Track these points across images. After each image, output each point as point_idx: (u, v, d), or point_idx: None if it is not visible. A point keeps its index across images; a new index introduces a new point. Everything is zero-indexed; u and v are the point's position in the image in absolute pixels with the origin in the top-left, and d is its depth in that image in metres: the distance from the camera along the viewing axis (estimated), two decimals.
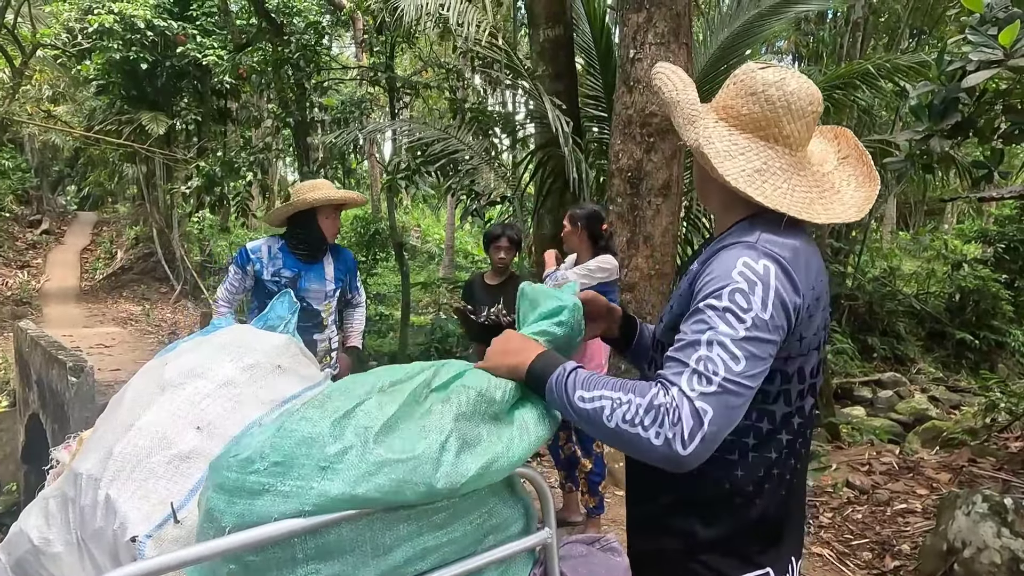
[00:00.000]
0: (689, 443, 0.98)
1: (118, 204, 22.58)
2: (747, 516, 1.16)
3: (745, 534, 1.16)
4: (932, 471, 4.69)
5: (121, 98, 14.27)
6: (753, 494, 1.16)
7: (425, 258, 19.03)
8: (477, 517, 1.08)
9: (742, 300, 1.03)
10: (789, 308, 1.05)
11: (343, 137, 7.92)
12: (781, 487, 1.18)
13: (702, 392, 1.00)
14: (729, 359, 1.01)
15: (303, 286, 3.12)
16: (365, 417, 0.99)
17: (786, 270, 1.06)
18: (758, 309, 1.03)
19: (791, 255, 1.09)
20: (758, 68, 1.19)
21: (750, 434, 1.15)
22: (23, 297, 14.37)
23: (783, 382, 1.13)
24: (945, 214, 20.85)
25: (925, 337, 12.95)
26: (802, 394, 1.16)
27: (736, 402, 1.01)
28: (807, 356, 1.14)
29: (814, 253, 1.15)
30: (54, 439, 5.68)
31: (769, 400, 1.13)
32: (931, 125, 3.10)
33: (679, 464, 0.99)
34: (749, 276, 1.05)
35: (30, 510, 1.36)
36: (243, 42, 11.58)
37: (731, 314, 1.03)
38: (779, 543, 1.19)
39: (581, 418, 1.06)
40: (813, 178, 1.19)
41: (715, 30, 6.49)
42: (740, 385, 1.01)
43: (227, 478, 0.96)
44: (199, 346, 1.50)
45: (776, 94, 1.15)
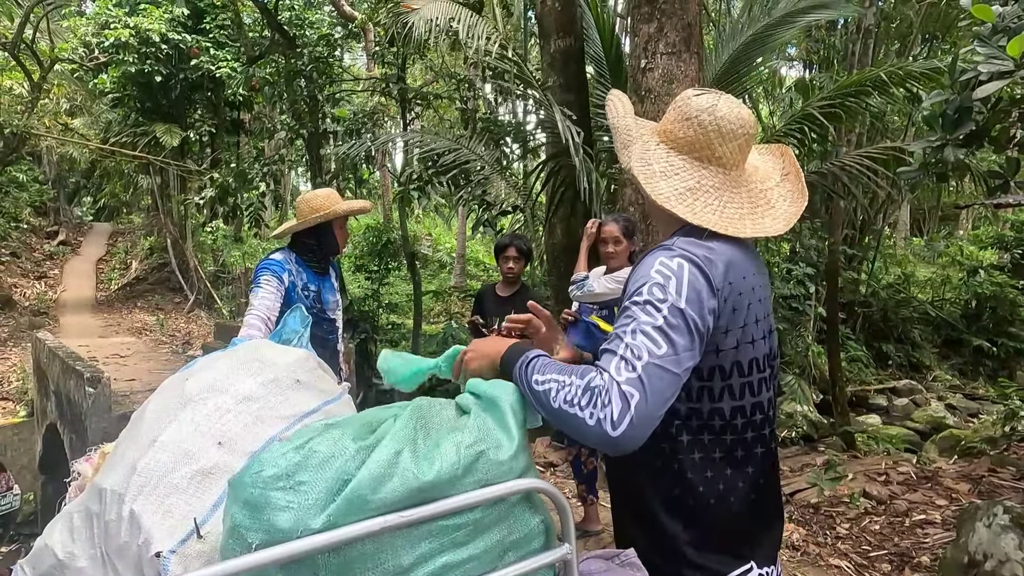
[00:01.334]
0: (619, 424, 1.05)
1: (133, 215, 22.87)
2: (715, 515, 1.23)
3: (716, 534, 1.23)
4: (951, 481, 4.63)
5: (136, 110, 14.47)
6: (719, 492, 1.22)
7: (436, 267, 19.08)
8: (498, 533, 1.08)
9: (659, 292, 1.14)
10: (704, 299, 1.14)
11: (355, 148, 7.97)
12: (748, 486, 1.24)
13: (628, 377, 1.08)
14: (651, 344, 1.10)
15: (324, 298, 3.05)
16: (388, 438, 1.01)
17: (699, 266, 1.16)
18: (673, 299, 1.13)
19: (704, 253, 1.18)
20: (694, 95, 1.29)
21: (704, 432, 1.22)
22: (40, 307, 14.56)
23: (722, 377, 1.21)
24: (960, 220, 20.66)
25: (941, 344, 12.82)
26: (751, 389, 1.23)
27: (660, 384, 1.08)
28: (739, 350, 1.21)
29: (742, 255, 1.23)
30: (71, 449, 5.74)
31: (715, 397, 1.21)
32: (945, 134, 3.08)
33: (613, 445, 1.05)
34: (664, 272, 1.15)
35: (54, 525, 1.38)
36: (256, 54, 11.72)
37: (650, 305, 1.13)
38: (751, 543, 1.25)
39: (535, 400, 1.14)
40: (748, 194, 1.29)
41: (726, 39, 6.50)
42: (663, 369, 1.09)
43: (252, 495, 0.97)
44: (218, 361, 1.51)
45: (708, 119, 1.26)
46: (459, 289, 16.45)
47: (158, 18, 12.72)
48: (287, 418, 1.35)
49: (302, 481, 0.96)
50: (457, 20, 5.46)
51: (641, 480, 1.29)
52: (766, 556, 1.28)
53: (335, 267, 3.28)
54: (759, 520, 1.27)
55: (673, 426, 1.23)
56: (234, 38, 13.18)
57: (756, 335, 1.23)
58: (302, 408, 1.38)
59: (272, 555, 0.90)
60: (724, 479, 1.23)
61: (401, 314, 13.17)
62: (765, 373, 1.25)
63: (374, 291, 10.46)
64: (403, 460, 1.00)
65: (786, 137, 6.19)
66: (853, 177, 5.91)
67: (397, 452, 1.00)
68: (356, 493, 0.95)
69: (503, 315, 3.93)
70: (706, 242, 1.20)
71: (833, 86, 6.46)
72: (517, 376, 1.19)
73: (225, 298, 14.23)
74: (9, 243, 17.12)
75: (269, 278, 2.81)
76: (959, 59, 3.06)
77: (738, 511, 1.23)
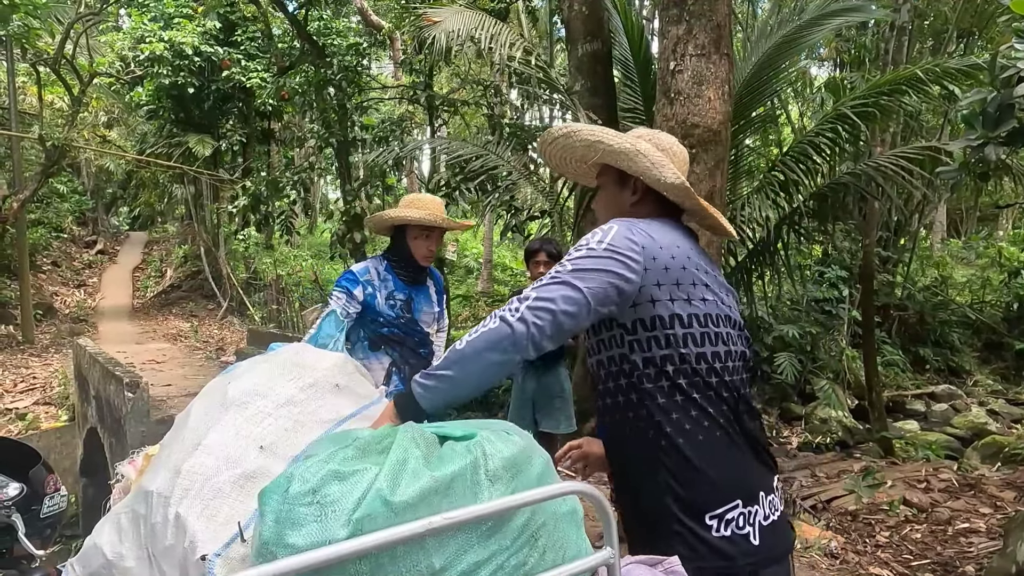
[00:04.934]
0: (515, 313, 1.24)
1: (167, 224, 23.40)
2: (690, 455, 1.32)
3: (686, 482, 1.31)
4: (995, 489, 4.50)
5: (170, 122, 14.82)
6: (686, 432, 1.33)
7: (463, 272, 19.15)
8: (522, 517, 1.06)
9: (582, 241, 1.37)
10: (624, 247, 1.32)
11: (383, 156, 8.05)
12: (718, 428, 1.34)
13: (533, 287, 1.30)
14: (559, 267, 1.32)
15: (416, 308, 2.90)
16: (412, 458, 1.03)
17: (627, 226, 1.37)
18: (593, 243, 1.34)
19: (641, 222, 1.41)
20: (656, 134, 1.58)
21: (662, 378, 1.36)
22: (80, 315, 14.97)
23: (663, 326, 1.35)
24: (999, 220, 20.11)
25: (981, 348, 12.47)
26: (694, 340, 1.35)
27: (559, 290, 1.27)
28: (676, 303, 1.35)
29: (680, 233, 1.47)
30: (111, 453, 5.87)
31: (662, 344, 1.35)
32: (985, 132, 3.01)
33: (513, 334, 1.23)
34: (596, 231, 1.38)
35: (103, 525, 1.41)
36: (286, 65, 11.93)
37: (576, 249, 1.36)
38: (722, 488, 1.32)
39: (447, 369, 1.28)
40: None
41: (755, 41, 6.43)
42: (564, 282, 1.28)
43: (280, 510, 0.98)
44: (259, 365, 1.54)
45: (678, 150, 1.57)
46: (486, 295, 16.49)
47: (191, 32, 13.02)
48: (326, 422, 1.37)
49: (328, 495, 0.97)
50: (481, 28, 5.47)
51: (622, 433, 1.43)
52: (749, 494, 1.34)
53: (438, 280, 3.11)
54: (739, 460, 1.35)
55: (634, 376, 1.38)
56: (264, 49, 13.44)
57: (695, 295, 1.37)
58: (341, 412, 1.40)
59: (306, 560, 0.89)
60: (691, 420, 1.34)
61: None
62: (708, 329, 1.37)
63: None
64: (412, 465, 1.01)
65: (818, 137, 6.11)
66: (888, 177, 5.79)
67: (405, 459, 1.01)
68: (378, 497, 0.95)
69: None
70: (641, 222, 1.41)
71: (865, 85, 6.35)
72: (418, 383, 1.31)
73: (257, 304, 14.46)
74: (50, 252, 17.64)
75: (338, 295, 2.72)
76: (999, 55, 2.99)
77: (712, 451, 1.33)
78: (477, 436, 1.08)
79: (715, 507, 1.30)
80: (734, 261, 6.76)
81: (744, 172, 7.17)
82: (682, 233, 1.48)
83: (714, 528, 1.29)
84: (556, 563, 1.07)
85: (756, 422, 1.47)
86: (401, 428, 1.13)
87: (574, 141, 1.54)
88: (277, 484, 1.01)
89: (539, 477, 1.10)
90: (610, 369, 1.43)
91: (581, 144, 1.54)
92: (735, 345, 1.43)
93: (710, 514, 1.29)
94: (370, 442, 1.08)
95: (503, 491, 1.04)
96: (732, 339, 1.43)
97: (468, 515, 0.98)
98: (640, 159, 1.45)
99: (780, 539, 1.38)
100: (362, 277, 2.77)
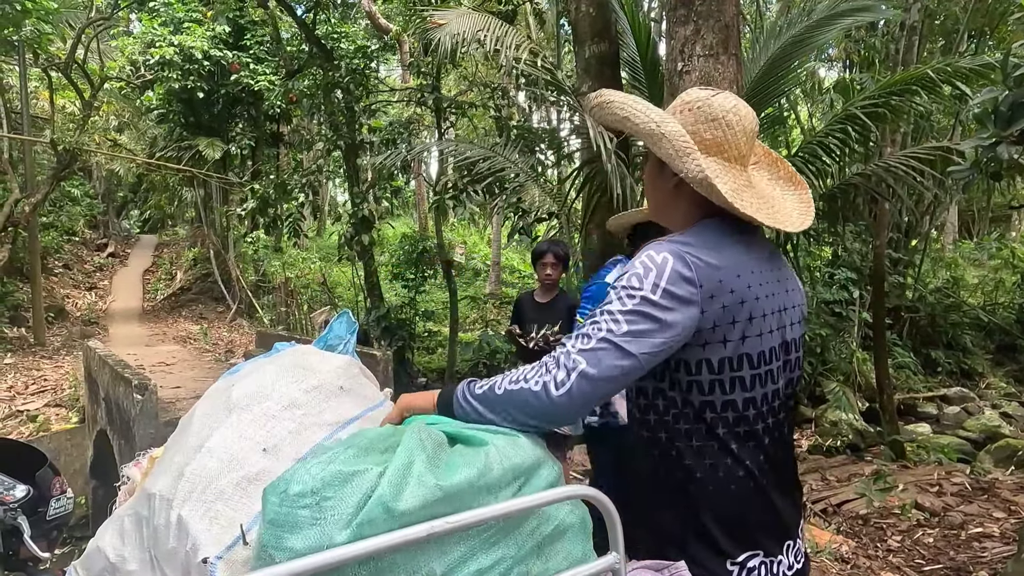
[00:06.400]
0: (560, 386, 1.10)
1: (177, 227, 23.54)
2: (710, 507, 1.23)
3: (713, 525, 1.23)
4: (1009, 493, 4.45)
5: (180, 125, 14.92)
6: (707, 484, 1.23)
7: (471, 274, 19.15)
8: (529, 526, 1.06)
9: (635, 281, 1.17)
10: (682, 293, 1.15)
11: (391, 158, 8.07)
12: (749, 475, 1.24)
13: (581, 347, 1.13)
14: (611, 323, 1.14)
15: None
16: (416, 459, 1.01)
17: (681, 256, 1.17)
18: (648, 289, 1.15)
19: (694, 244, 1.20)
20: (710, 95, 1.30)
21: (680, 421, 1.24)
22: (91, 317, 15.06)
23: (700, 371, 1.21)
24: (1012, 221, 19.92)
25: (994, 350, 12.34)
26: (740, 384, 1.22)
27: (611, 358, 1.12)
28: (716, 347, 1.20)
29: (732, 238, 1.25)
30: (121, 455, 5.90)
31: (702, 390, 1.22)
32: (998, 131, 2.98)
33: (553, 408, 1.10)
34: (647, 263, 1.18)
35: (106, 528, 1.41)
36: (294, 68, 11.99)
37: (624, 291, 1.17)
38: (747, 535, 1.24)
39: (481, 404, 1.17)
40: (757, 190, 1.33)
41: (764, 41, 6.40)
42: (616, 346, 1.12)
43: (278, 513, 0.97)
44: (263, 367, 1.53)
45: (734, 119, 1.28)
46: (494, 296, 16.48)
47: (201, 36, 13.10)
48: (330, 425, 1.36)
49: (328, 497, 0.95)
50: (487, 31, 5.46)
51: (645, 466, 1.31)
52: (773, 544, 1.27)
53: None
54: (767, 508, 1.27)
55: (669, 414, 1.26)
56: (273, 53, 13.51)
57: (751, 332, 1.22)
58: (345, 415, 1.39)
59: (306, 564, 0.88)
60: (723, 468, 1.24)
61: (437, 322, 13.25)
62: (759, 370, 1.25)
63: (411, 299, 10.54)
64: (417, 469, 0.99)
65: (827, 138, 6.06)
66: (898, 178, 5.73)
67: (410, 463, 1.00)
68: (380, 503, 0.94)
69: (541, 321, 3.91)
70: (702, 235, 1.24)
71: (876, 86, 6.30)
72: (459, 397, 1.22)
73: (266, 307, 14.51)
74: (62, 255, 17.78)
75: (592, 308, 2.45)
76: (1011, 54, 2.95)
77: (741, 500, 1.24)
78: (488, 445, 1.06)
79: (738, 553, 1.24)
80: None
81: None
82: (734, 237, 1.28)
83: (735, 574, 1.24)
84: (560, 571, 1.06)
85: (790, 457, 1.39)
86: (409, 427, 1.12)
87: (606, 114, 1.36)
88: (276, 486, 1.00)
89: (548, 486, 1.08)
90: (639, 401, 1.32)
91: (612, 119, 1.36)
92: (789, 373, 1.34)
93: (731, 560, 1.24)
94: (374, 440, 1.07)
95: (509, 500, 1.02)
96: (784, 370, 1.32)
97: (471, 519, 0.97)
98: (663, 144, 1.26)
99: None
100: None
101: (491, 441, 1.07)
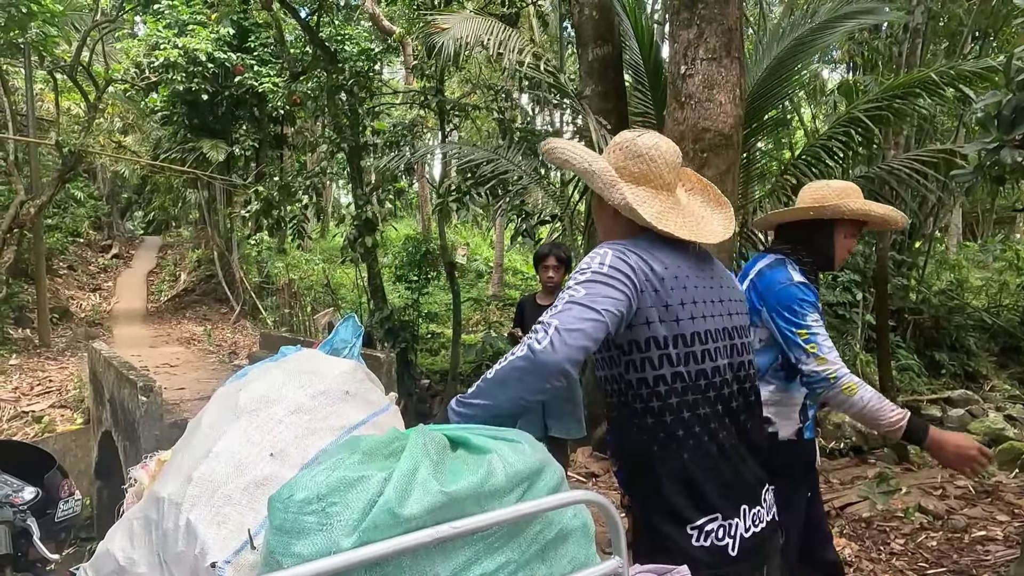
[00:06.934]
0: (541, 342, 1.28)
1: (181, 228, 23.59)
2: (669, 476, 1.41)
3: (672, 493, 1.40)
4: (1013, 496, 4.44)
5: (184, 127, 14.96)
6: (665, 455, 1.41)
7: (474, 276, 19.15)
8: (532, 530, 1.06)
9: (585, 265, 1.43)
10: (622, 269, 1.38)
11: (395, 161, 8.09)
12: (689, 450, 1.41)
13: (552, 314, 1.34)
14: (573, 293, 1.37)
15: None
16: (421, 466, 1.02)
17: (619, 248, 1.43)
18: (595, 266, 1.40)
19: (628, 245, 1.45)
20: (636, 136, 1.55)
21: (638, 401, 1.43)
22: (95, 319, 15.12)
23: (648, 348, 1.41)
24: (1016, 223, 19.87)
25: (998, 353, 12.30)
26: (684, 359, 1.41)
27: (577, 312, 1.32)
28: (656, 325, 1.41)
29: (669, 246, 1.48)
30: (125, 456, 5.92)
31: (653, 365, 1.42)
32: (1000, 135, 2.98)
33: (540, 361, 1.26)
34: (592, 254, 1.45)
35: (115, 531, 1.43)
36: (298, 70, 12.01)
37: (577, 274, 1.42)
38: (704, 501, 1.40)
39: (479, 397, 1.32)
40: (685, 210, 1.56)
41: (767, 44, 6.40)
42: (580, 304, 1.33)
43: (284, 519, 0.98)
44: (270, 372, 1.55)
45: (656, 154, 1.51)
46: (497, 298, 16.49)
47: (205, 38, 13.15)
48: (336, 430, 1.37)
49: (333, 503, 0.96)
50: (490, 34, 5.48)
51: (623, 444, 1.50)
52: (730, 508, 1.42)
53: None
54: (724, 476, 1.42)
55: (628, 394, 1.45)
56: (277, 55, 13.55)
57: (684, 315, 1.43)
58: (351, 420, 1.40)
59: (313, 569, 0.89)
60: (681, 437, 1.41)
61: (440, 323, 13.27)
62: (699, 347, 1.44)
63: (414, 301, 10.55)
64: (422, 475, 1.00)
65: (831, 141, 6.06)
66: (901, 181, 5.74)
67: (415, 468, 1.01)
68: (385, 509, 0.95)
69: None
70: (631, 243, 1.47)
71: (879, 88, 6.30)
72: (454, 408, 1.34)
73: (269, 309, 14.55)
74: (67, 257, 17.84)
75: (814, 313, 2.13)
76: (1014, 58, 2.96)
77: (698, 467, 1.40)
78: (491, 452, 1.07)
79: (696, 519, 1.38)
80: None
81: (756, 176, 7.13)
82: (678, 246, 1.50)
83: (694, 538, 1.38)
84: (564, 575, 1.07)
85: (759, 431, 1.53)
86: (413, 432, 1.13)
87: (553, 158, 1.61)
88: (282, 492, 1.01)
89: (551, 491, 1.09)
90: (611, 386, 1.52)
91: (557, 161, 1.61)
92: (735, 357, 1.50)
93: (691, 525, 1.38)
94: (378, 446, 1.08)
95: (514, 505, 1.03)
96: (729, 352, 1.48)
97: (476, 524, 0.98)
98: (595, 179, 1.49)
99: (762, 549, 1.46)
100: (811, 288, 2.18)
101: (494, 448, 1.09)
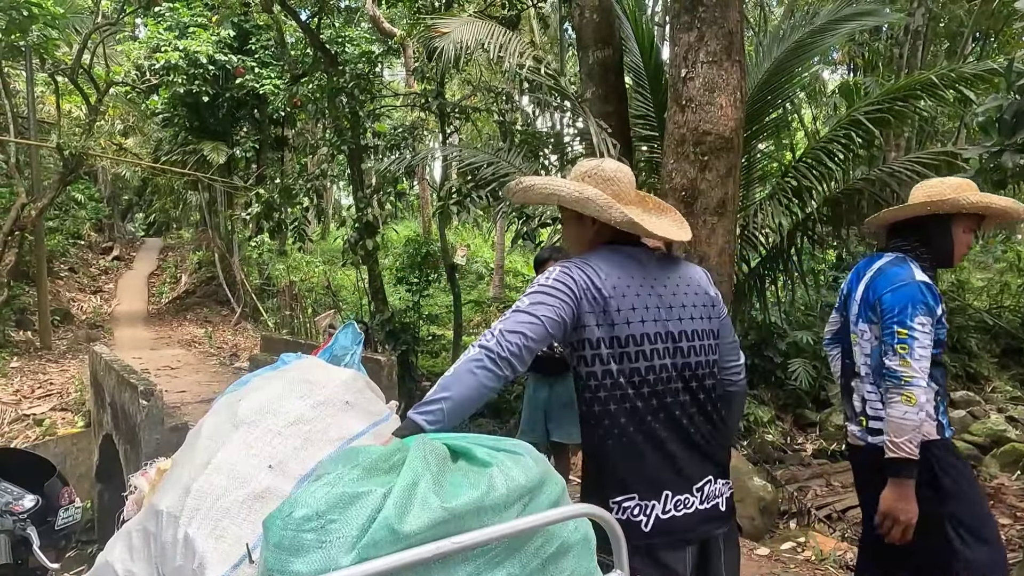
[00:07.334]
0: (489, 340, 1.49)
1: (182, 230, 23.60)
2: (594, 457, 1.65)
3: (597, 472, 1.65)
4: (1015, 498, 4.43)
5: (185, 129, 14.97)
6: (594, 440, 1.63)
7: (474, 278, 19.14)
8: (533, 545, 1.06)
9: (536, 281, 1.65)
10: (564, 282, 1.60)
11: (396, 163, 8.08)
12: (621, 438, 1.60)
13: (500, 319, 1.56)
14: (519, 304, 1.59)
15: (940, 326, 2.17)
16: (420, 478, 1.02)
17: (564, 268, 1.64)
18: (542, 281, 1.63)
19: (577, 262, 1.67)
20: (599, 164, 1.77)
21: (599, 391, 1.62)
22: (96, 321, 15.12)
23: (586, 347, 1.62)
24: (1018, 224, 19.84)
25: (1000, 354, 12.28)
26: (616, 358, 1.61)
27: (519, 317, 1.54)
28: (592, 328, 1.61)
29: (628, 260, 1.69)
30: (126, 460, 5.92)
31: (587, 363, 1.62)
32: (1002, 139, 2.98)
33: (489, 354, 1.46)
34: (546, 272, 1.66)
35: (115, 542, 1.42)
36: (299, 73, 12.01)
37: (528, 287, 1.64)
38: (624, 483, 1.59)
39: (444, 393, 1.42)
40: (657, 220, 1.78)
41: (768, 46, 6.40)
42: (522, 311, 1.55)
43: (283, 536, 0.97)
44: (270, 382, 1.54)
45: (620, 175, 1.75)
46: (498, 300, 16.48)
47: (206, 40, 13.16)
48: (336, 441, 1.37)
49: (332, 520, 0.96)
50: (490, 38, 5.46)
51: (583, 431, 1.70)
52: (649, 492, 1.59)
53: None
54: (650, 464, 1.60)
55: (580, 386, 1.65)
56: (277, 57, 13.55)
57: (620, 320, 1.61)
58: (351, 430, 1.40)
59: None
60: (616, 426, 1.60)
61: (441, 325, 13.27)
62: (644, 347, 1.62)
63: (415, 303, 10.55)
64: (422, 490, 0.99)
65: (831, 143, 6.06)
66: (902, 183, 5.72)
67: (415, 483, 1.00)
68: (385, 525, 0.94)
69: None
70: (587, 259, 1.67)
71: (880, 90, 6.29)
72: (418, 415, 1.40)
73: (270, 311, 14.55)
74: (68, 259, 17.85)
75: (923, 318, 2.05)
76: (1015, 61, 2.96)
77: (625, 453, 1.59)
78: (492, 466, 1.07)
79: (615, 495, 1.59)
80: (747, 267, 6.72)
81: (757, 178, 7.13)
82: (631, 259, 1.69)
83: (613, 511, 1.55)
84: None
85: (706, 427, 1.68)
86: (413, 443, 1.12)
87: (533, 195, 1.79)
88: (283, 509, 1.00)
89: (552, 504, 1.09)
90: (577, 386, 1.72)
91: (539, 196, 1.80)
92: (680, 358, 1.67)
93: (611, 500, 1.58)
94: (378, 460, 1.07)
95: (515, 519, 1.03)
96: (672, 353, 1.66)
97: (477, 539, 0.98)
98: (590, 205, 1.67)
99: (680, 531, 1.61)
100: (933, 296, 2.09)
101: (495, 461, 1.08)
